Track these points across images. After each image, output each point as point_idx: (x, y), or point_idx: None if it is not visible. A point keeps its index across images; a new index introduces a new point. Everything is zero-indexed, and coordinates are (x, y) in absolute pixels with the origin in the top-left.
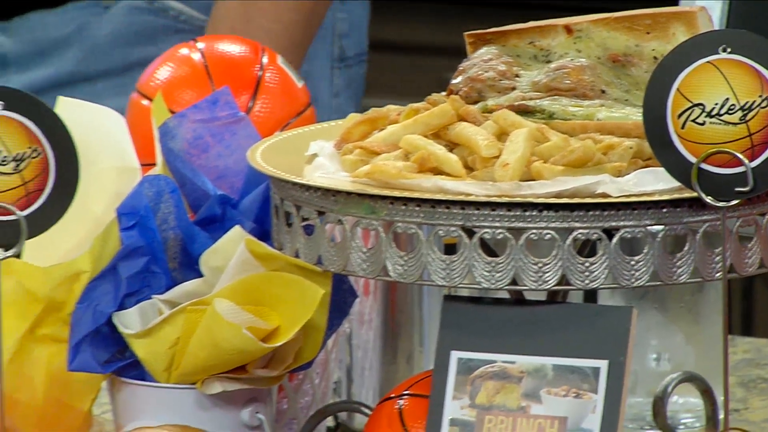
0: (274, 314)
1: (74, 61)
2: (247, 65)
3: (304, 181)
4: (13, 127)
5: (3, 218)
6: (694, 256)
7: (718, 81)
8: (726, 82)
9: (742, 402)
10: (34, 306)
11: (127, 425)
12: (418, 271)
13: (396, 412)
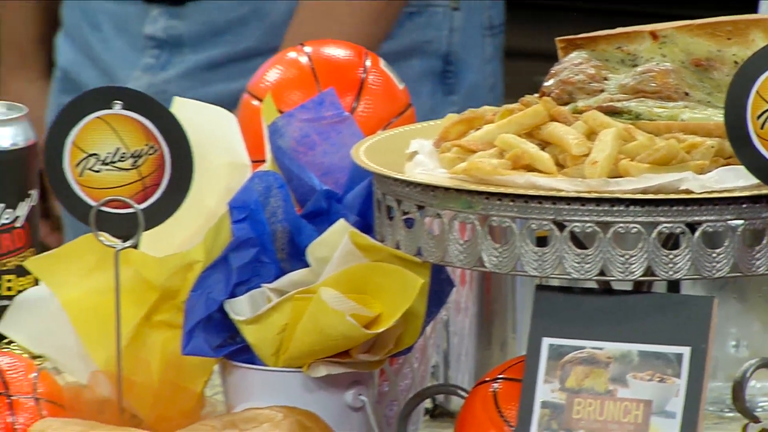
0: (376, 302)
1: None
2: (351, 68)
3: (405, 177)
4: (131, 125)
5: (122, 211)
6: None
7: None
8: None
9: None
10: (150, 294)
11: (237, 406)
12: (511, 262)
13: (490, 395)
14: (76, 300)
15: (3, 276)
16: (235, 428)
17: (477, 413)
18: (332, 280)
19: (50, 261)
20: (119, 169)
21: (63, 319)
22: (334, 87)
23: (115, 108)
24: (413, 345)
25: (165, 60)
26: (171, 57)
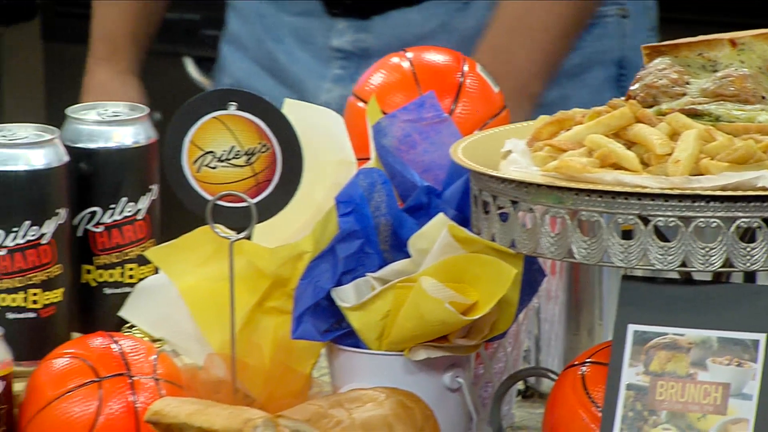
0: (472, 291)
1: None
2: (450, 72)
3: (500, 174)
4: (245, 125)
5: (236, 205)
6: None
7: None
8: None
9: None
10: (262, 282)
11: (342, 387)
12: (599, 254)
13: (579, 377)
14: (193, 287)
15: (125, 265)
16: (341, 407)
17: (566, 395)
18: (432, 270)
19: (169, 251)
20: (234, 165)
21: (181, 305)
22: (434, 90)
23: (230, 109)
24: (507, 331)
25: (353, 71)
26: (359, 68)
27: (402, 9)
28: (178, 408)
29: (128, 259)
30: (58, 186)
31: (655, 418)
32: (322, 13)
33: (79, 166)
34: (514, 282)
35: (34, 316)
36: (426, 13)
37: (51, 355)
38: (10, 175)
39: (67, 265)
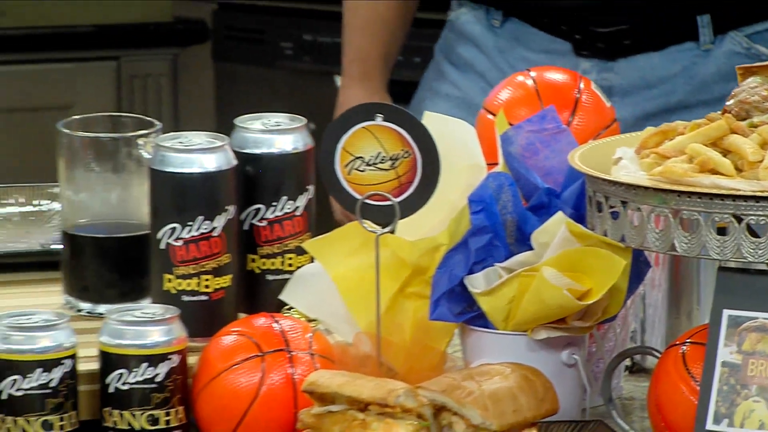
0: (587, 279)
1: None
2: (568, 89)
3: (612, 178)
4: (390, 134)
5: (382, 203)
6: None
7: None
8: None
9: None
10: (403, 270)
11: (473, 362)
12: (698, 248)
13: (680, 355)
14: (344, 275)
15: (285, 255)
16: (472, 380)
17: (669, 371)
18: (552, 261)
19: (323, 243)
20: (380, 169)
21: (333, 291)
22: (554, 105)
23: (377, 120)
24: (617, 314)
25: None
26: None
27: (647, 53)
28: (330, 379)
29: (287, 250)
30: (227, 186)
31: (746, 392)
32: (569, 52)
33: (245, 169)
34: (624, 272)
35: (206, 299)
36: (669, 58)
37: (220, 332)
38: (186, 176)
39: (235, 254)
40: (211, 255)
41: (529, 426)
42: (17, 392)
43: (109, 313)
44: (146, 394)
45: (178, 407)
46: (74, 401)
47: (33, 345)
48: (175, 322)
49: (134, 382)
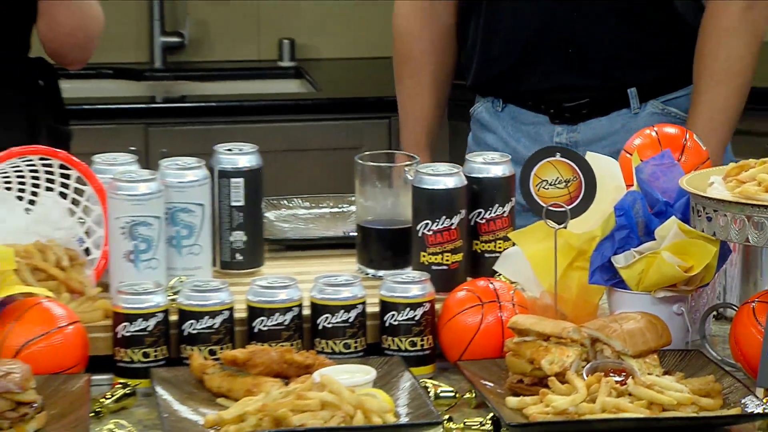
0: (690, 259)
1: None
2: (678, 138)
3: (707, 195)
4: (564, 165)
5: (559, 209)
6: None
7: None
8: None
9: None
10: (572, 252)
11: (615, 311)
12: (764, 241)
13: (751, 309)
14: (534, 254)
15: (497, 241)
16: (615, 322)
17: (743, 319)
18: (668, 248)
19: (521, 234)
20: (557, 188)
21: (527, 264)
22: (669, 148)
23: (556, 156)
24: (709, 282)
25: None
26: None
27: (598, 118)
28: (525, 320)
29: (498, 238)
30: (460, 197)
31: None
32: (547, 122)
33: (472, 187)
34: (714, 255)
35: (446, 268)
36: (612, 120)
37: (455, 289)
38: (435, 191)
39: (465, 240)
40: (450, 240)
41: (652, 352)
42: (329, 325)
43: (386, 276)
44: (408, 327)
45: (429, 336)
46: (363, 331)
47: (339, 295)
48: (427, 283)
49: (402, 319)
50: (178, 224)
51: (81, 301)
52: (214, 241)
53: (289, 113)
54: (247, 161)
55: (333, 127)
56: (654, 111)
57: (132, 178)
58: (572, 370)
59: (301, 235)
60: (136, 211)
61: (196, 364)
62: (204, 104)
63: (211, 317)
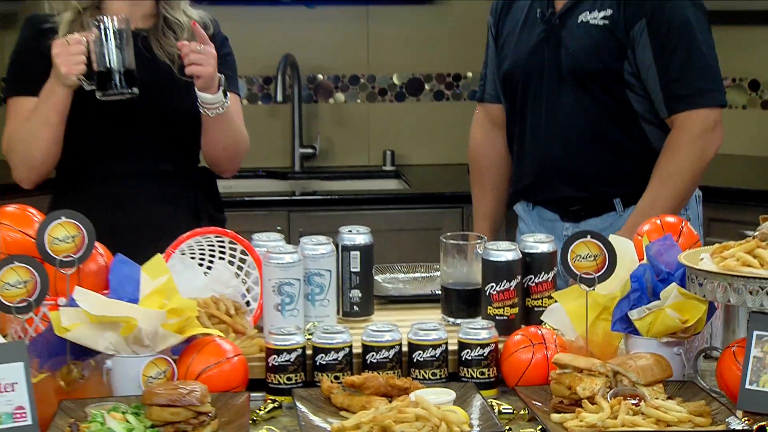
0: (687, 314)
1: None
2: (677, 226)
3: (698, 267)
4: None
5: (589, 276)
6: None
7: None
8: None
9: None
10: (598, 307)
11: (631, 351)
12: (741, 301)
13: (731, 352)
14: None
15: (543, 299)
16: (631, 360)
17: (726, 359)
18: (670, 306)
19: (562, 294)
20: (588, 261)
21: (566, 316)
22: (670, 233)
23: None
24: (700, 331)
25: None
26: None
27: (593, 218)
28: (564, 357)
29: (545, 296)
30: (517, 267)
31: (765, 370)
32: (558, 219)
33: (525, 259)
34: (704, 311)
35: (506, 318)
36: (603, 220)
37: (513, 334)
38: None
39: (520, 298)
40: (509, 298)
41: (659, 382)
42: (421, 359)
43: (462, 323)
44: (479, 361)
45: (494, 368)
46: (446, 364)
47: (428, 337)
48: (493, 329)
49: (474, 355)
50: (312, 284)
51: (243, 339)
52: (339, 296)
53: (390, 204)
54: (361, 239)
55: (422, 213)
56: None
57: (280, 251)
58: (599, 395)
59: (400, 293)
60: (282, 275)
61: (325, 386)
62: (330, 197)
63: (335, 352)
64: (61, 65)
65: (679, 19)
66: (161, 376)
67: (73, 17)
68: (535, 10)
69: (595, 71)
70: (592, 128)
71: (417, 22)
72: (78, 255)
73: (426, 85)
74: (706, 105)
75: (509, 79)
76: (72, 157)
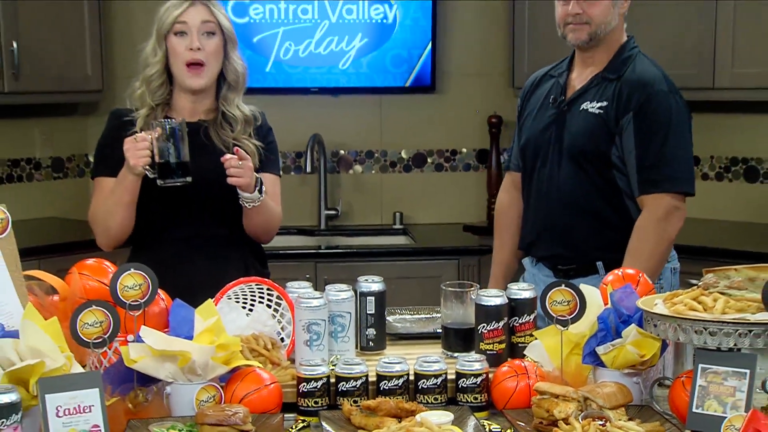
0: (644, 350)
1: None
2: (635, 276)
3: (652, 311)
4: (566, 292)
5: (563, 318)
6: None
7: None
8: None
9: None
10: (571, 343)
11: (598, 381)
12: (688, 339)
13: (681, 381)
14: (548, 344)
15: (526, 336)
16: (598, 387)
17: (676, 387)
18: (630, 343)
19: (541, 332)
20: (563, 305)
21: (545, 351)
22: (630, 283)
23: (562, 286)
24: (655, 364)
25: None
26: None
27: (580, 278)
28: (543, 385)
29: (527, 335)
30: (504, 310)
31: (709, 397)
32: (552, 275)
33: (511, 304)
34: (658, 347)
35: (495, 353)
36: (587, 280)
37: (501, 366)
38: (490, 306)
39: (507, 336)
40: (498, 336)
41: (621, 406)
42: (425, 386)
43: (459, 357)
44: (473, 388)
45: (485, 394)
46: (446, 390)
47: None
48: (484, 361)
49: (469, 383)
50: (335, 324)
51: (278, 369)
52: (357, 334)
53: (399, 256)
54: (376, 286)
55: (425, 264)
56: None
57: (309, 296)
58: (573, 417)
59: (407, 331)
60: (311, 316)
61: (345, 409)
62: (350, 251)
63: (354, 380)
64: (130, 158)
65: (660, 115)
66: (211, 400)
67: (148, 112)
68: (550, 96)
69: (588, 152)
70: (583, 199)
71: (421, 109)
72: (144, 300)
73: (428, 158)
74: (671, 191)
75: (524, 151)
76: (146, 224)
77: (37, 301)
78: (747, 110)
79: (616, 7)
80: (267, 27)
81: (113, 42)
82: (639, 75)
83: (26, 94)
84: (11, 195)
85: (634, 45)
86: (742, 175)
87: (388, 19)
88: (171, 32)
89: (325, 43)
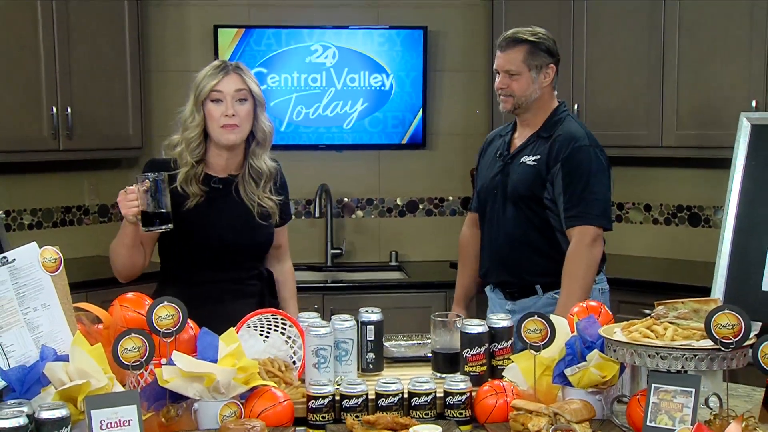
0: (605, 371)
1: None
2: (597, 308)
3: (612, 338)
4: (539, 322)
5: (536, 344)
6: None
7: None
8: None
9: None
10: (543, 366)
11: (565, 398)
12: (642, 363)
13: (637, 399)
14: (524, 367)
15: (504, 360)
16: (566, 404)
17: (633, 404)
18: (594, 366)
19: (517, 357)
20: (535, 333)
21: (520, 372)
22: (593, 313)
23: (535, 317)
24: (615, 383)
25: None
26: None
27: (523, 299)
28: (519, 402)
29: (505, 358)
30: (485, 337)
31: (661, 413)
32: (503, 299)
33: (491, 332)
34: (617, 369)
35: (478, 374)
36: (529, 300)
37: (482, 385)
38: (473, 334)
39: (488, 359)
40: (480, 360)
41: (586, 420)
42: (417, 403)
43: (447, 378)
44: (458, 404)
45: (469, 410)
46: (435, 407)
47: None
48: (468, 381)
49: (455, 401)
50: (340, 349)
51: (291, 389)
52: (358, 357)
53: (395, 289)
54: (375, 317)
55: (417, 297)
56: (549, 297)
57: (317, 325)
58: (544, 430)
59: (402, 355)
60: (319, 342)
61: (348, 423)
62: (352, 284)
63: (357, 398)
64: (121, 208)
65: (582, 166)
66: (233, 415)
67: (188, 169)
68: (498, 152)
69: (525, 196)
70: (523, 235)
71: (414, 163)
72: (175, 328)
73: (420, 205)
74: (591, 224)
75: (479, 196)
76: (176, 266)
77: (84, 329)
78: (690, 165)
79: (536, 82)
80: (282, 93)
81: (151, 106)
82: (566, 133)
83: (78, 151)
84: (64, 237)
85: (564, 109)
86: (687, 220)
87: (385, 86)
88: (208, 99)
89: (332, 106)
